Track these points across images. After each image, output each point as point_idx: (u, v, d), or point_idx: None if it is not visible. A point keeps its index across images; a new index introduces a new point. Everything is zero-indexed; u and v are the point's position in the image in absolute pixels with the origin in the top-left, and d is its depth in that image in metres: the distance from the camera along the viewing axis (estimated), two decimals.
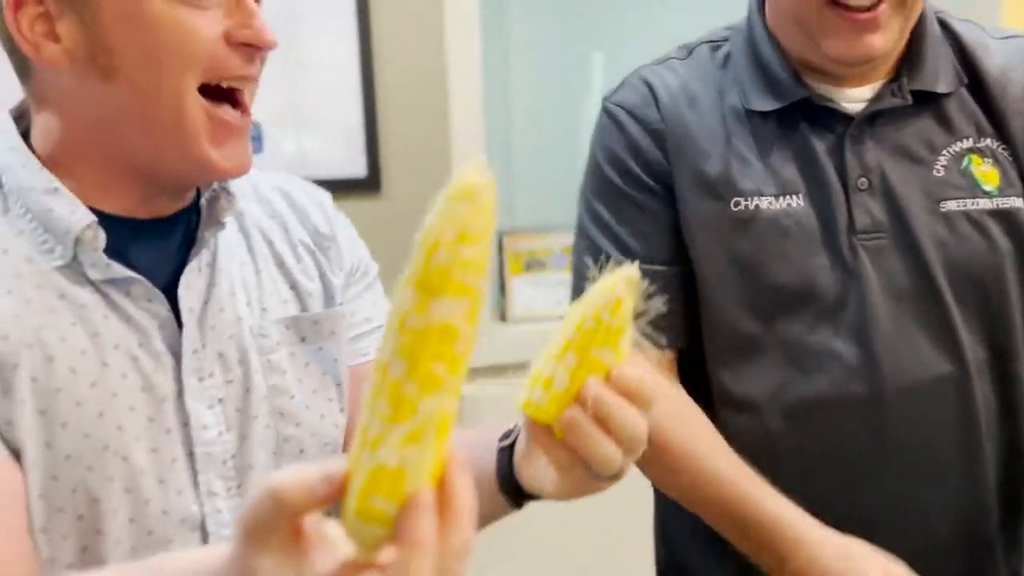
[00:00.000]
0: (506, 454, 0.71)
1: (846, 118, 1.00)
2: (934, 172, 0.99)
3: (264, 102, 0.92)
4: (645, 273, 1.03)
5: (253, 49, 0.75)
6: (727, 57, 1.07)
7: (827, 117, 1.00)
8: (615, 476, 0.63)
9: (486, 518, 0.73)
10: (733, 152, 1.02)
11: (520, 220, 2.30)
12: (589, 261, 1.08)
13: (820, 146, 1.00)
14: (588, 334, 0.59)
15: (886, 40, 0.95)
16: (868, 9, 0.93)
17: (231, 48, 0.74)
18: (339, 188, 1.97)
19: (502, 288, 2.27)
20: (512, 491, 0.71)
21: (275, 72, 2.05)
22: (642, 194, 1.05)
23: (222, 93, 0.76)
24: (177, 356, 0.77)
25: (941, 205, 0.99)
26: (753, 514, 0.94)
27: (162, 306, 0.77)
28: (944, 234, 0.98)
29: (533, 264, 2.26)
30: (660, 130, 1.04)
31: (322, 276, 0.90)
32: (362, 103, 1.97)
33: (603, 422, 0.60)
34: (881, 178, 0.99)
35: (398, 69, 2.00)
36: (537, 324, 2.22)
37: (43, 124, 0.77)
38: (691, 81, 1.06)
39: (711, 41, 1.09)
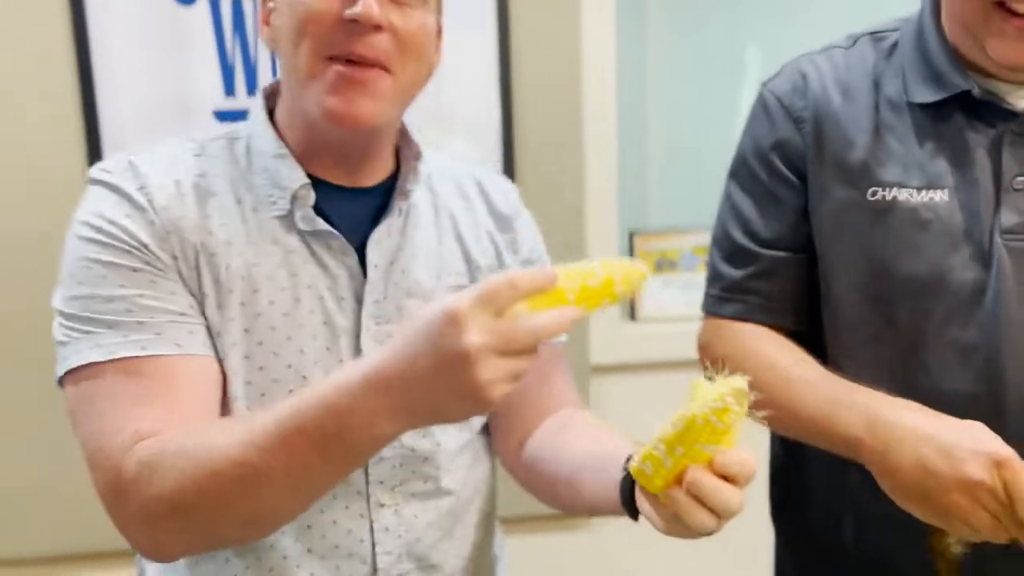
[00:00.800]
0: (629, 478, 0.82)
1: (1010, 115, 0.96)
2: None
3: (412, 107, 1.00)
4: (770, 259, 1.05)
5: (359, 26, 0.84)
6: (893, 47, 1.05)
7: (989, 113, 0.97)
8: (711, 532, 0.75)
9: (606, 512, 0.89)
10: (880, 142, 1.00)
11: (652, 220, 2.30)
12: (718, 248, 1.11)
13: (977, 141, 0.97)
14: (697, 430, 0.71)
15: None
16: None
17: (344, 25, 0.85)
18: None
19: None
20: (631, 508, 0.82)
21: None
22: (778, 184, 1.06)
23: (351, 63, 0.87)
24: (360, 301, 0.93)
25: None
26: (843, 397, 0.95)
27: (353, 260, 0.93)
28: None
29: (664, 264, 2.24)
30: (804, 117, 1.04)
31: (497, 255, 1.03)
32: (500, 108, 1.99)
33: (699, 500, 0.72)
34: None
35: (534, 77, 2.02)
36: (666, 324, 2.20)
37: (282, 100, 0.96)
38: (849, 70, 1.05)
39: (875, 32, 1.08)
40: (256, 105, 0.97)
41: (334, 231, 0.91)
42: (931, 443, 0.86)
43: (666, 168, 2.33)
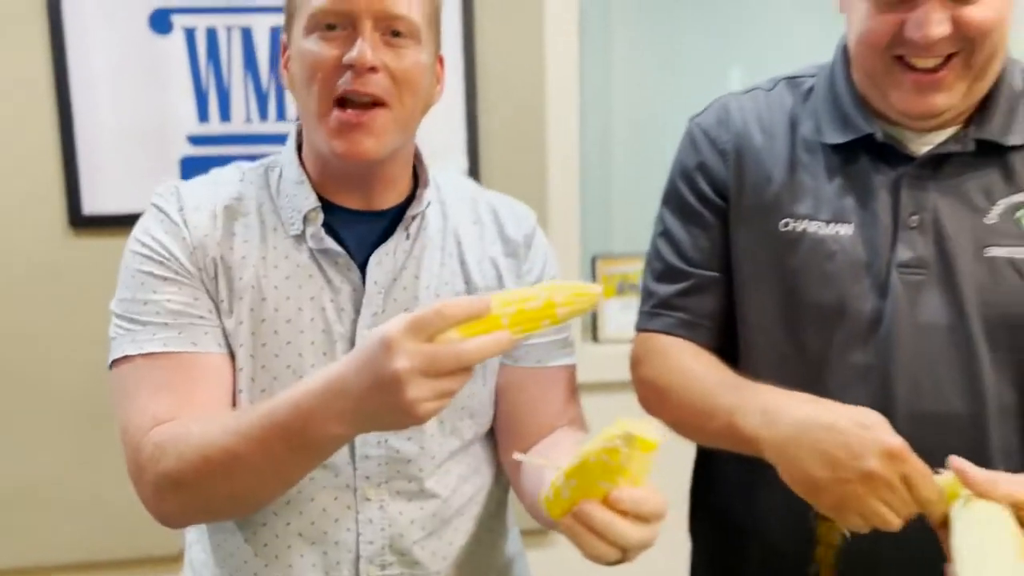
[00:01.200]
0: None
1: (909, 159, 1.03)
2: (985, 220, 1.02)
3: None
4: (696, 278, 1.09)
5: (357, 68, 0.95)
6: (810, 91, 1.12)
7: (890, 156, 1.04)
8: (619, 561, 0.82)
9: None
10: (795, 178, 1.08)
11: (615, 245, 2.36)
12: (650, 268, 1.18)
13: (879, 181, 1.04)
14: (590, 468, 0.79)
15: (950, 99, 0.99)
16: (933, 70, 0.97)
17: (344, 69, 0.96)
18: None
19: (594, 311, 2.30)
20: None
21: None
22: (703, 206, 1.13)
23: (353, 101, 0.98)
24: (357, 313, 1.03)
25: (987, 251, 1.01)
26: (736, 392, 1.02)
27: (356, 275, 1.03)
28: (985, 278, 1.00)
29: (625, 287, 2.29)
30: (727, 150, 1.12)
31: (498, 278, 1.10)
32: (465, 136, 2.06)
33: (593, 532, 0.79)
34: (933, 218, 1.02)
35: (499, 108, 2.08)
36: (627, 346, 2.20)
37: (305, 137, 1.07)
38: (769, 110, 1.13)
39: (794, 77, 1.15)
40: (289, 137, 1.09)
41: (339, 249, 1.02)
42: (830, 435, 0.90)
43: (629, 195, 2.39)
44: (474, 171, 2.06)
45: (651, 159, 2.35)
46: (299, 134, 1.09)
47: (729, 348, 1.14)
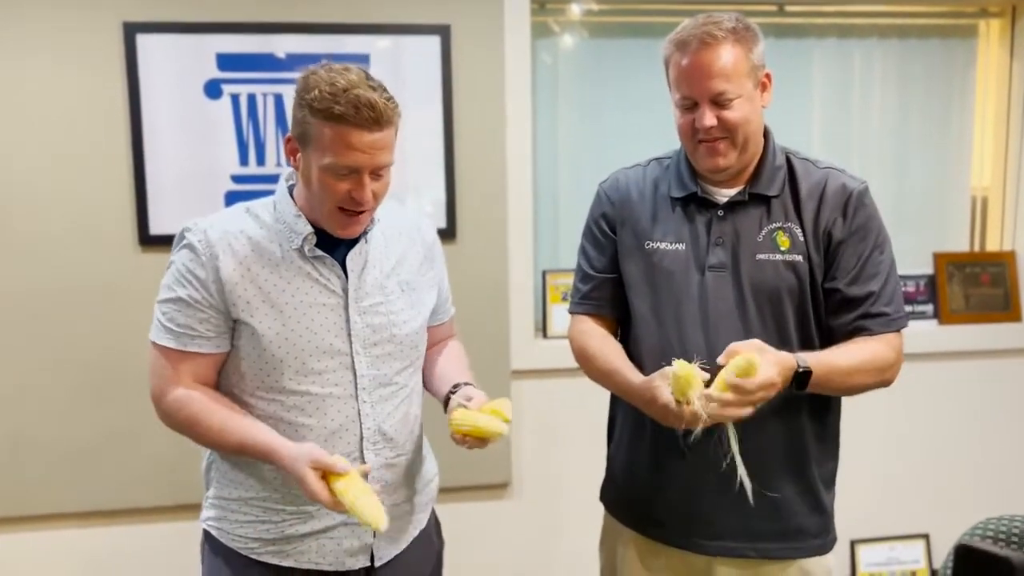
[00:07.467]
0: (449, 394, 1.63)
1: (716, 206, 1.64)
2: (757, 239, 1.63)
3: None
4: (599, 279, 1.82)
5: (360, 202, 1.47)
6: (667, 167, 1.73)
7: (706, 204, 1.65)
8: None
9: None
10: (655, 219, 1.69)
11: (561, 262, 2.82)
12: (576, 274, 1.81)
13: (700, 219, 1.65)
14: (477, 412, 1.54)
15: (728, 161, 1.59)
16: (713, 141, 1.56)
17: (351, 199, 1.46)
18: None
19: (544, 313, 2.76)
20: (446, 408, 1.62)
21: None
22: (603, 236, 1.75)
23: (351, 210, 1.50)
24: (345, 291, 1.55)
25: (757, 256, 1.62)
26: (627, 382, 1.64)
27: (339, 269, 1.55)
28: (755, 272, 1.61)
29: (568, 295, 2.60)
30: (616, 205, 1.73)
31: (419, 265, 1.68)
32: (444, 180, 2.54)
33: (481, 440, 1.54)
34: (730, 240, 1.62)
35: (470, 159, 2.54)
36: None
37: (299, 188, 1.55)
38: (643, 179, 1.74)
39: (661, 158, 1.77)
40: (281, 186, 1.58)
41: (327, 255, 1.53)
42: (650, 406, 1.56)
43: (572, 224, 2.76)
44: (451, 209, 2.53)
45: (589, 198, 2.74)
46: (287, 179, 1.57)
47: (624, 316, 1.75)
